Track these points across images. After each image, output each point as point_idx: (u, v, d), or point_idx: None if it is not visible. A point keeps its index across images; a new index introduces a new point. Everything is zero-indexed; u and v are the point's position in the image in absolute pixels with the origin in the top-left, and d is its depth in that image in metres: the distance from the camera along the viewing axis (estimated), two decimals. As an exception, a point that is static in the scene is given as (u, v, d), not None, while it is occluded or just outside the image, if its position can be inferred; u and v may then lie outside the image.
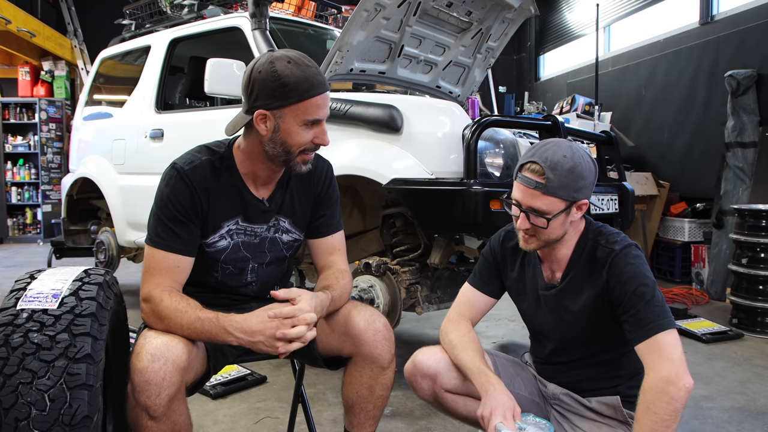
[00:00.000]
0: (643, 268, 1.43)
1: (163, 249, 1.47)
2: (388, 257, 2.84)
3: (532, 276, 1.62)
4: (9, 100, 8.68)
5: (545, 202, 1.42)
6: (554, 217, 1.43)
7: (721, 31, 5.12)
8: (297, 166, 1.51)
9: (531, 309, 1.64)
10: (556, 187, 1.40)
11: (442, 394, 1.61)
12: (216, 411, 2.48)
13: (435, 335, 3.71)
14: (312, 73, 1.42)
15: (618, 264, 1.44)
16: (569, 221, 1.48)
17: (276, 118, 1.43)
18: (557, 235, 1.48)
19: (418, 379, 1.62)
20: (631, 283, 1.41)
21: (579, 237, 1.53)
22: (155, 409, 1.30)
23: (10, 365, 1.15)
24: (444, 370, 1.60)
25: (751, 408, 2.54)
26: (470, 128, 2.45)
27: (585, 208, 1.47)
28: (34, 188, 8.66)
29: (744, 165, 4.53)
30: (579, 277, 1.51)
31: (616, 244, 1.46)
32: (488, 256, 1.71)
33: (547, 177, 1.40)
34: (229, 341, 1.39)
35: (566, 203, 1.43)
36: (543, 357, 1.67)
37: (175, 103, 4.30)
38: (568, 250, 1.53)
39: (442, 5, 2.89)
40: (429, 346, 1.68)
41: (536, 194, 1.42)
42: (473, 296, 1.70)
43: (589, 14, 6.98)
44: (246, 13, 3.30)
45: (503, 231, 1.72)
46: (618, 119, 6.29)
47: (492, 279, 1.69)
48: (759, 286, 3.70)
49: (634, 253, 1.45)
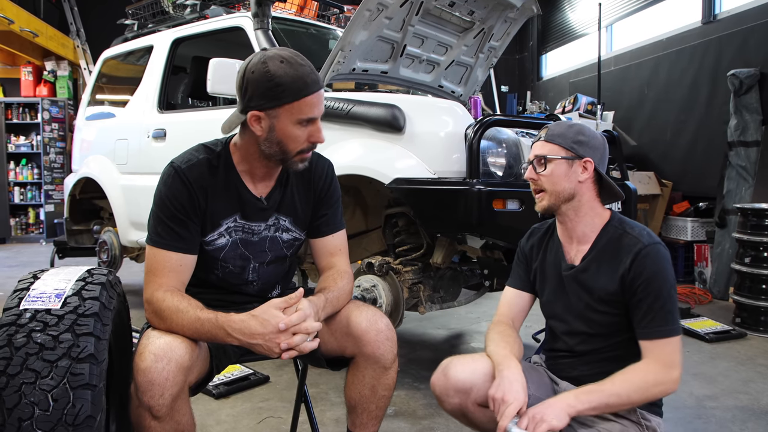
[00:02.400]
0: (668, 269, 1.49)
1: (164, 248, 1.48)
2: (391, 257, 2.84)
3: (554, 260, 1.65)
4: (12, 100, 8.70)
5: (546, 148, 1.57)
6: (554, 161, 1.54)
7: (724, 30, 5.11)
8: (294, 165, 1.52)
9: (552, 293, 1.65)
10: (555, 135, 1.57)
11: (473, 409, 1.55)
12: (219, 411, 2.48)
13: (438, 335, 3.72)
14: (305, 72, 1.42)
15: (646, 258, 1.47)
16: (575, 179, 1.54)
17: (271, 118, 1.44)
18: (563, 188, 1.54)
19: (451, 393, 1.54)
20: (655, 280, 1.46)
21: (604, 224, 1.58)
22: (158, 409, 1.30)
23: (13, 365, 1.15)
24: (480, 381, 1.53)
25: (754, 407, 2.53)
26: (473, 128, 2.45)
27: (590, 168, 1.54)
28: (37, 188, 8.67)
29: (747, 164, 4.52)
30: (601, 257, 1.55)
31: (643, 237, 1.51)
32: (519, 254, 1.76)
33: (549, 128, 1.59)
34: (228, 341, 1.39)
35: (566, 152, 1.54)
36: (559, 348, 1.66)
37: (177, 103, 4.30)
38: (592, 233, 1.58)
39: (444, 5, 2.89)
40: (461, 356, 1.61)
41: (539, 144, 1.59)
42: (511, 296, 1.73)
43: (592, 13, 6.97)
44: (248, 13, 3.30)
45: (529, 230, 1.78)
46: (620, 118, 6.28)
47: (525, 274, 1.73)
48: (762, 285, 3.69)
49: (663, 251, 1.50)
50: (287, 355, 1.37)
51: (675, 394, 2.62)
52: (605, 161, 1.61)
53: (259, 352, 1.39)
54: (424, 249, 2.80)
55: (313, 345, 1.39)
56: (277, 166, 1.56)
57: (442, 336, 3.71)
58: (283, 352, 1.37)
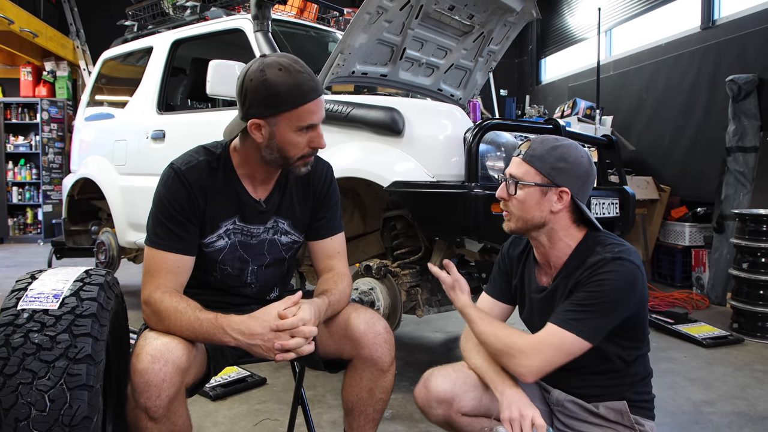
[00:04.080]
0: (616, 284, 1.38)
1: (162, 249, 1.48)
2: (389, 260, 2.84)
3: (528, 281, 1.62)
4: (11, 100, 8.69)
5: (522, 169, 1.48)
6: (526, 187, 1.45)
7: (723, 36, 5.13)
8: (296, 170, 1.52)
9: (527, 314, 1.64)
10: (534, 157, 1.46)
11: (458, 419, 1.55)
12: (216, 412, 2.47)
13: (435, 338, 3.71)
14: (303, 80, 1.42)
15: (599, 268, 1.40)
16: (548, 208, 1.46)
17: (270, 126, 1.44)
18: (531, 215, 1.47)
19: (433, 404, 1.55)
20: (591, 284, 1.39)
21: (577, 244, 1.50)
22: (155, 411, 1.30)
23: (10, 365, 1.15)
24: (461, 391, 1.53)
25: (751, 413, 2.53)
26: (472, 131, 2.45)
27: (566, 199, 1.45)
28: (35, 188, 8.66)
29: (745, 170, 4.53)
30: (568, 281, 1.48)
31: (610, 253, 1.41)
32: (499, 262, 1.71)
33: (530, 146, 1.48)
34: (227, 342, 1.39)
35: (542, 178, 1.45)
36: None
37: (176, 104, 4.30)
38: (564, 255, 1.51)
39: (444, 8, 2.89)
40: (441, 367, 1.62)
41: (517, 161, 1.50)
42: (489, 305, 1.68)
43: (591, 18, 6.99)
44: (248, 15, 3.30)
45: (511, 238, 1.71)
46: (619, 123, 6.29)
47: (503, 285, 1.68)
48: (759, 290, 3.69)
49: (623, 267, 1.39)
50: (281, 357, 1.36)
51: (672, 399, 2.64)
52: (587, 191, 1.49)
53: (257, 353, 1.39)
54: (422, 252, 2.80)
55: (310, 348, 1.39)
56: (277, 171, 1.57)
57: (440, 339, 3.71)
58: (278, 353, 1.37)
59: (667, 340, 3.62)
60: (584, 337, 1.38)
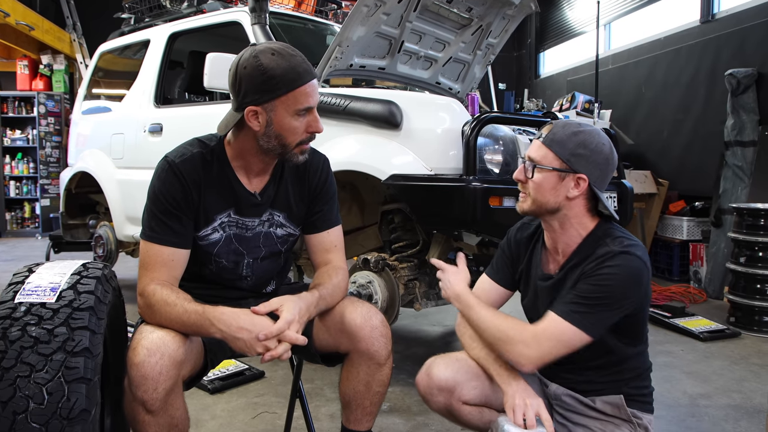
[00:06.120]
0: (621, 278, 1.37)
1: (157, 242, 1.47)
2: (387, 253, 2.84)
3: (534, 267, 1.60)
4: (7, 93, 8.65)
5: (541, 152, 1.46)
6: (543, 170, 1.44)
7: (722, 30, 5.12)
8: (294, 157, 1.51)
9: (529, 301, 1.62)
10: (554, 141, 1.44)
11: (459, 407, 1.55)
12: (214, 405, 2.48)
13: (433, 331, 3.72)
14: (297, 62, 1.42)
15: (606, 260, 1.39)
16: (564, 194, 1.44)
17: (267, 112, 1.43)
18: (546, 199, 1.45)
19: (434, 392, 1.55)
20: (596, 277, 1.39)
21: (587, 234, 1.49)
22: (152, 404, 1.30)
23: (8, 359, 1.15)
24: (463, 380, 1.54)
25: (747, 406, 2.54)
26: (470, 125, 2.45)
27: (583, 186, 1.44)
28: (33, 182, 8.64)
29: (743, 164, 4.53)
30: (575, 271, 1.47)
31: (619, 246, 1.41)
32: (504, 246, 1.68)
33: (551, 130, 1.46)
34: (213, 334, 1.36)
35: (561, 163, 1.43)
36: None
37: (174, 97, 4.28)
38: (573, 243, 1.50)
39: (442, 1, 2.88)
40: (443, 355, 1.62)
41: (537, 144, 1.48)
42: (488, 287, 1.67)
43: (590, 11, 6.97)
44: (246, 8, 3.29)
45: (520, 222, 1.69)
46: (618, 117, 6.28)
47: (506, 269, 1.66)
48: (757, 284, 3.70)
49: (629, 262, 1.38)
50: (269, 356, 1.34)
51: (668, 393, 2.65)
52: (606, 180, 1.47)
53: (239, 348, 1.36)
54: (420, 245, 2.80)
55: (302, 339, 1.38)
56: (273, 161, 1.56)
57: (438, 333, 3.72)
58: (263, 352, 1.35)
59: (665, 333, 3.63)
60: (585, 330, 1.38)
